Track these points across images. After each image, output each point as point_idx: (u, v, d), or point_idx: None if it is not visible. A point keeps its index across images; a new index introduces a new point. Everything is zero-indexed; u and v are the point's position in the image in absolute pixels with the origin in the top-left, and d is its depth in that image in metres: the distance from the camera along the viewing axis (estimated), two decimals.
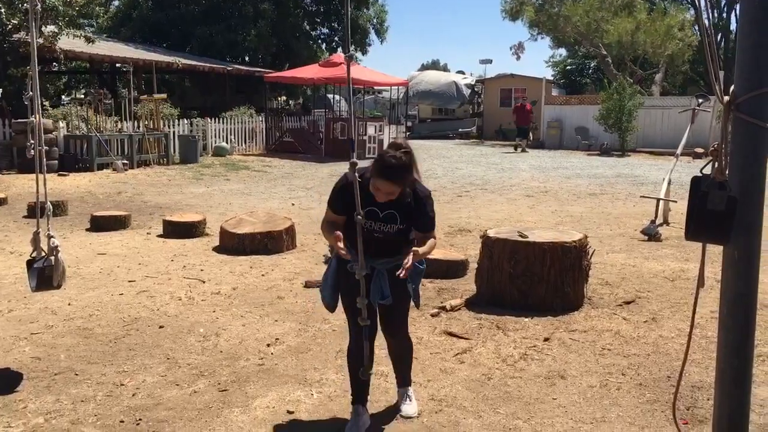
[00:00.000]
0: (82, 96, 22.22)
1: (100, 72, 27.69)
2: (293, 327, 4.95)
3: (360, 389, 3.43)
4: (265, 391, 3.82)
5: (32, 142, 4.04)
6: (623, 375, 4.10)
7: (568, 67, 44.20)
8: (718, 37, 35.02)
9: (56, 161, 14.44)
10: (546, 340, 4.69)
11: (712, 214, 2.69)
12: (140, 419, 3.45)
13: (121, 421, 3.43)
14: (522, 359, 4.33)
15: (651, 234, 8.39)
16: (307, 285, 6.05)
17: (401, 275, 3.07)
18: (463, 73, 44.58)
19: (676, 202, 9.45)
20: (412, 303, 3.47)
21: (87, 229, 8.77)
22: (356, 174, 3.14)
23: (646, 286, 6.13)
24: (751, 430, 3.05)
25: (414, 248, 3.14)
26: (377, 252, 3.28)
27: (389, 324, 3.47)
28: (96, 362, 4.23)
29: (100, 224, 8.78)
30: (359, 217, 3.11)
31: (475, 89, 34.63)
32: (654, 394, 3.84)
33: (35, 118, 3.98)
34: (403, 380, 3.65)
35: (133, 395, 3.75)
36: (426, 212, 3.28)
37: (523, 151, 23.08)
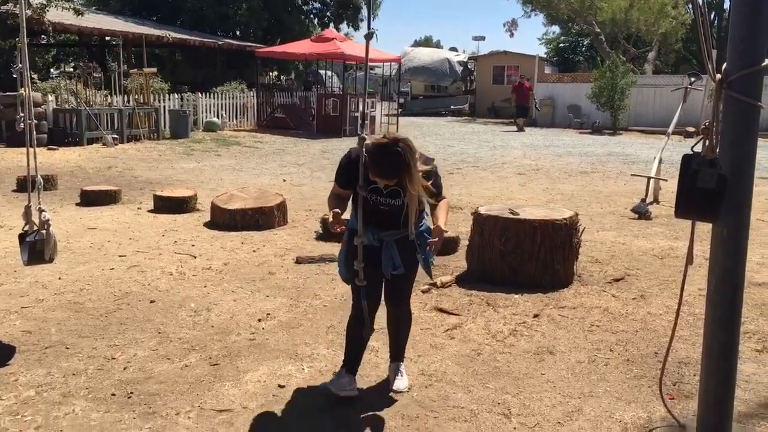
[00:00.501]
0: (72, 69, 21.95)
1: (89, 45, 27.36)
2: (284, 302, 4.96)
3: (352, 359, 3.49)
4: (256, 366, 3.84)
5: (22, 115, 4.00)
6: (611, 351, 4.15)
7: (561, 45, 44.02)
8: (711, 16, 34.94)
9: (45, 135, 14.32)
10: (535, 316, 4.72)
11: (702, 191, 2.71)
12: (132, 392, 3.47)
13: (113, 394, 3.44)
14: (511, 335, 4.37)
15: (641, 212, 8.43)
16: (299, 261, 6.06)
17: (432, 252, 3.30)
18: (456, 50, 44.34)
19: (666, 180, 9.48)
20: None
21: (77, 204, 8.73)
22: (363, 149, 3.20)
23: (635, 264, 6.17)
24: (736, 406, 3.11)
25: (437, 225, 3.25)
26: (385, 224, 3.35)
27: (395, 293, 3.50)
28: (87, 336, 4.23)
29: (90, 199, 8.74)
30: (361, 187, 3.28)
31: (468, 66, 34.47)
32: (641, 369, 3.88)
33: (25, 91, 3.94)
34: (396, 354, 3.67)
35: (125, 369, 3.76)
36: (433, 184, 3.30)
37: (521, 130, 22.85)
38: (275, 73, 30.66)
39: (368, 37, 3.25)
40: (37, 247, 4.04)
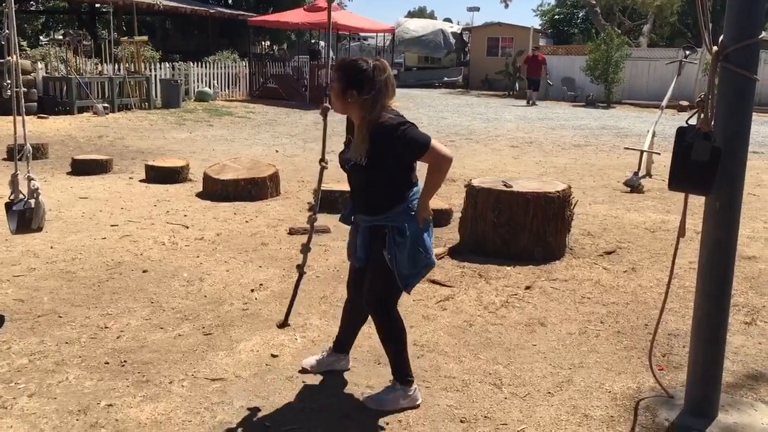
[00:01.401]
0: (61, 37, 21.68)
1: (79, 12, 27.03)
2: (277, 273, 4.97)
3: (340, 339, 3.43)
4: (249, 335, 3.85)
5: (9, 82, 3.95)
6: (602, 323, 4.18)
7: (556, 17, 43.65)
8: None
9: (35, 103, 14.17)
10: (527, 288, 4.75)
11: (695, 164, 2.72)
12: (125, 361, 3.48)
13: (106, 363, 3.46)
14: (503, 307, 4.40)
15: (633, 185, 8.45)
16: (291, 232, 6.06)
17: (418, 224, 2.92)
18: (450, 21, 43.98)
19: (659, 154, 9.49)
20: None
21: (68, 173, 8.68)
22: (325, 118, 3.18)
23: (627, 237, 6.20)
24: (725, 377, 3.14)
25: (420, 202, 2.92)
26: (363, 205, 3.02)
27: (363, 289, 3.09)
28: (80, 305, 4.23)
29: (81, 168, 8.69)
30: (323, 163, 3.24)
31: (463, 38, 34.21)
32: (631, 341, 3.92)
33: (12, 57, 3.88)
34: (392, 368, 3.16)
35: (118, 338, 3.77)
36: (402, 142, 2.80)
37: (533, 104, 22.27)
38: (268, 42, 30.37)
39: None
40: (26, 216, 4.01)
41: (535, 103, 22.52)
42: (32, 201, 4.02)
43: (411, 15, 62.10)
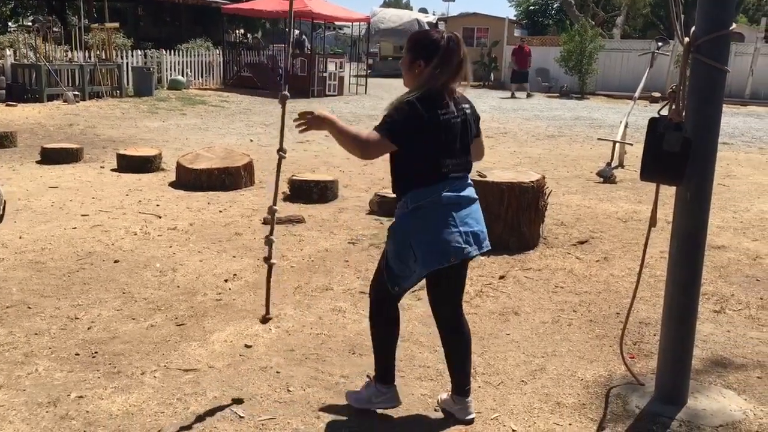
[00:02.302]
0: (30, 23, 21.26)
1: None
2: (251, 263, 4.94)
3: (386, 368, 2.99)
4: (222, 326, 3.83)
5: None
6: (574, 312, 4.22)
7: (531, 8, 43.82)
8: None
9: (3, 91, 13.92)
10: (501, 278, 4.78)
11: (667, 154, 2.74)
12: (96, 352, 3.44)
13: (77, 354, 3.41)
14: (477, 296, 4.42)
15: (606, 176, 8.53)
16: (266, 222, 6.02)
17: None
18: (425, 11, 43.95)
19: (632, 145, 9.58)
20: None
21: (37, 162, 8.52)
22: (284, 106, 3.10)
23: (599, 227, 6.26)
24: (694, 364, 3.19)
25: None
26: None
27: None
28: (49, 296, 4.17)
29: (50, 157, 8.54)
30: (280, 152, 3.26)
31: (438, 28, 34.18)
32: (603, 329, 3.96)
33: None
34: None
35: (89, 329, 3.72)
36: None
37: (529, 95, 21.86)
38: (242, 31, 30.08)
39: None
40: None
41: (531, 94, 22.13)
42: None
43: (387, 5, 61.89)
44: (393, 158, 2.72)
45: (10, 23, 28.78)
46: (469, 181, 2.83)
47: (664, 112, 2.83)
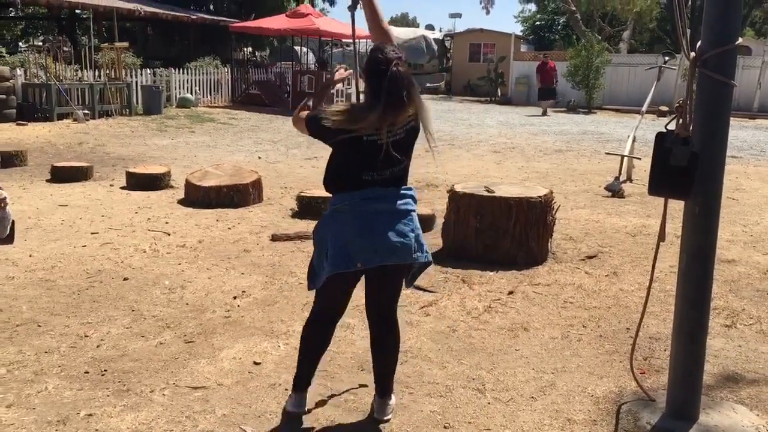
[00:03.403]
0: (41, 43, 21.49)
1: (59, 18, 26.77)
2: (260, 280, 4.95)
3: None
4: (231, 343, 3.83)
5: None
6: (584, 327, 4.20)
7: (537, 23, 43.97)
8: None
9: (14, 110, 14.04)
10: (510, 293, 4.76)
11: (674, 169, 2.74)
12: (105, 370, 3.44)
13: (86, 372, 3.42)
14: (486, 312, 4.40)
15: (614, 190, 8.51)
16: (274, 238, 6.04)
17: None
18: (432, 27, 44.16)
19: (640, 159, 9.57)
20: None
21: (47, 180, 8.59)
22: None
23: (608, 242, 6.24)
24: (705, 380, 3.17)
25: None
26: None
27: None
28: (59, 314, 4.18)
29: (60, 175, 8.60)
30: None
31: (445, 44, 34.35)
32: (613, 345, 3.94)
33: None
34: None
35: (98, 346, 3.73)
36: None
37: (544, 114, 21.16)
38: (249, 48, 30.29)
39: (352, 8, 3.19)
40: None
41: (546, 113, 21.30)
42: None
43: (393, 21, 62.25)
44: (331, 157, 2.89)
45: (20, 43, 29.11)
46: (403, 193, 2.84)
47: (672, 126, 2.83)
